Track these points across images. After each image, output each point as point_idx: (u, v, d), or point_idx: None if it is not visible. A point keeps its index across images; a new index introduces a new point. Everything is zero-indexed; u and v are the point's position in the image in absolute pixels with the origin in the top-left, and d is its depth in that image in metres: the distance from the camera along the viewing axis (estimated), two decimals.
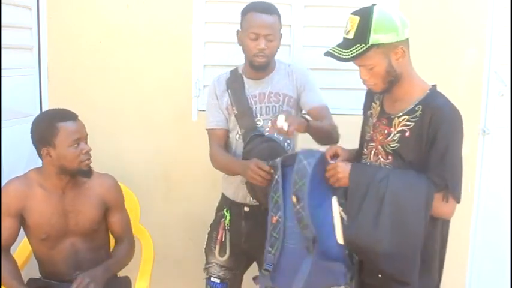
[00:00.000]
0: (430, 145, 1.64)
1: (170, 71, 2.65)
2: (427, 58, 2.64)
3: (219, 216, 2.23)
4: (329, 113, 2.13)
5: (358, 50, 1.64)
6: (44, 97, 2.62)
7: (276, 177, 1.82)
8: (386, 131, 1.74)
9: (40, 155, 2.05)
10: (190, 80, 2.65)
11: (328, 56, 1.72)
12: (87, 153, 2.05)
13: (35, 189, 2.08)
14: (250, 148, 2.05)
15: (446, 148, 1.63)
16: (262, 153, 1.98)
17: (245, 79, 2.14)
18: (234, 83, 2.14)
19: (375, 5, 1.67)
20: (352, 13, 1.69)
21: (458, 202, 1.68)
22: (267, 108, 2.10)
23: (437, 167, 1.64)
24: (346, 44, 1.68)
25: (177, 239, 2.75)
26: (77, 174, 2.06)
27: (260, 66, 2.08)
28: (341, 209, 1.72)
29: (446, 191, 1.65)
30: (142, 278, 2.14)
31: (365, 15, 1.64)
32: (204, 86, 2.64)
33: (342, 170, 1.72)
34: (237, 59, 2.29)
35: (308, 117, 2.05)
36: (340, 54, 1.68)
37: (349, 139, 2.04)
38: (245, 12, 2.09)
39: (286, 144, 2.10)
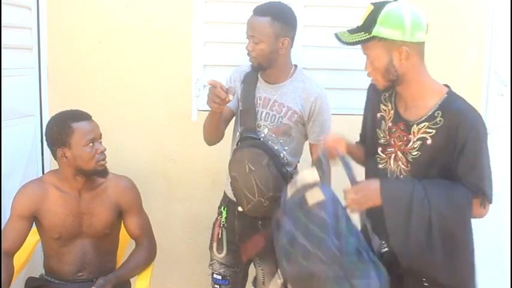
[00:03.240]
0: (458, 153, 1.61)
1: (170, 71, 2.65)
2: (427, 58, 2.64)
3: (218, 213, 2.25)
4: None
5: (360, 37, 1.63)
6: (44, 97, 2.62)
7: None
8: (405, 138, 1.70)
9: (55, 157, 2.07)
10: (190, 80, 2.65)
11: (335, 37, 1.72)
12: (102, 153, 2.06)
13: (50, 192, 2.09)
14: (237, 148, 2.06)
15: (476, 155, 1.61)
16: (241, 156, 1.99)
17: (260, 78, 2.12)
18: (249, 78, 2.12)
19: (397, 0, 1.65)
20: (371, 2, 1.67)
21: (491, 203, 1.68)
22: (267, 115, 2.08)
23: (469, 175, 1.62)
24: (354, 30, 1.67)
25: (177, 239, 2.76)
26: (92, 174, 2.07)
27: (254, 68, 2.06)
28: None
29: (483, 197, 1.64)
30: (142, 278, 2.14)
31: (378, 6, 1.62)
32: (204, 86, 2.64)
33: (366, 193, 1.64)
34: (237, 59, 2.29)
35: None
36: (343, 37, 1.68)
37: (349, 138, 2.04)
38: None
39: (282, 155, 2.08)
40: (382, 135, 1.79)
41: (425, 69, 1.69)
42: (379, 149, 1.80)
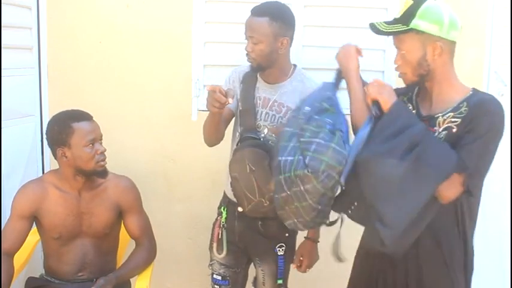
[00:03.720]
0: (466, 132, 1.59)
1: (170, 71, 2.65)
2: None
3: (217, 213, 2.25)
4: None
5: (397, 28, 1.66)
6: (44, 97, 2.62)
7: None
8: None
9: (55, 157, 2.07)
10: (190, 80, 2.65)
11: (371, 26, 1.73)
12: (102, 153, 2.06)
13: (50, 191, 2.10)
14: (237, 148, 2.06)
15: (481, 137, 1.58)
16: (242, 156, 1.98)
17: (259, 78, 2.12)
18: (248, 79, 2.12)
19: None
20: None
21: (471, 195, 1.63)
22: (267, 115, 2.08)
23: (463, 149, 1.58)
24: (391, 21, 1.70)
25: (177, 239, 2.76)
26: (92, 174, 2.07)
27: (253, 68, 2.06)
28: None
29: (468, 178, 1.57)
30: (142, 278, 2.14)
31: (418, 1, 1.65)
32: (204, 86, 2.64)
33: (389, 91, 1.70)
34: (237, 59, 2.29)
35: (314, 238, 2.19)
36: (380, 26, 1.70)
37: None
38: None
39: None
40: None
41: (454, 69, 1.71)
42: None
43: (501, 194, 2.77)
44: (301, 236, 2.20)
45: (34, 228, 2.15)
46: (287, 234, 2.15)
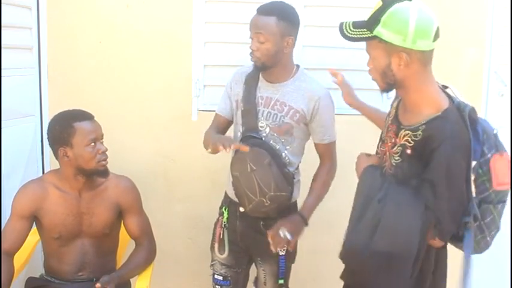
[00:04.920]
0: (423, 168, 1.54)
1: (170, 71, 2.65)
2: None
3: (219, 213, 2.25)
4: (334, 148, 2.14)
5: (361, 34, 1.56)
6: (44, 97, 2.62)
7: None
8: (393, 140, 1.66)
9: (57, 157, 2.07)
10: (190, 80, 2.65)
11: (339, 27, 1.63)
12: (104, 153, 2.06)
13: (50, 191, 2.10)
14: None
15: (441, 177, 1.51)
16: (244, 155, 1.98)
17: (261, 78, 2.11)
18: (250, 79, 2.12)
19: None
20: None
21: (445, 242, 1.63)
22: (269, 114, 2.07)
23: (430, 198, 1.54)
24: (359, 23, 1.59)
25: (177, 239, 2.76)
26: (93, 174, 2.07)
27: (257, 67, 2.06)
28: None
29: (439, 229, 1.56)
30: (142, 278, 2.14)
31: (386, 4, 1.53)
32: (204, 86, 2.64)
33: (359, 163, 1.74)
34: (237, 59, 2.29)
35: (304, 215, 2.08)
36: (346, 30, 1.60)
37: (350, 138, 2.04)
38: None
39: (284, 154, 2.08)
40: (384, 130, 1.78)
41: (429, 77, 1.59)
42: (379, 144, 1.79)
43: None
44: (303, 237, 2.20)
45: (34, 228, 2.14)
46: None
